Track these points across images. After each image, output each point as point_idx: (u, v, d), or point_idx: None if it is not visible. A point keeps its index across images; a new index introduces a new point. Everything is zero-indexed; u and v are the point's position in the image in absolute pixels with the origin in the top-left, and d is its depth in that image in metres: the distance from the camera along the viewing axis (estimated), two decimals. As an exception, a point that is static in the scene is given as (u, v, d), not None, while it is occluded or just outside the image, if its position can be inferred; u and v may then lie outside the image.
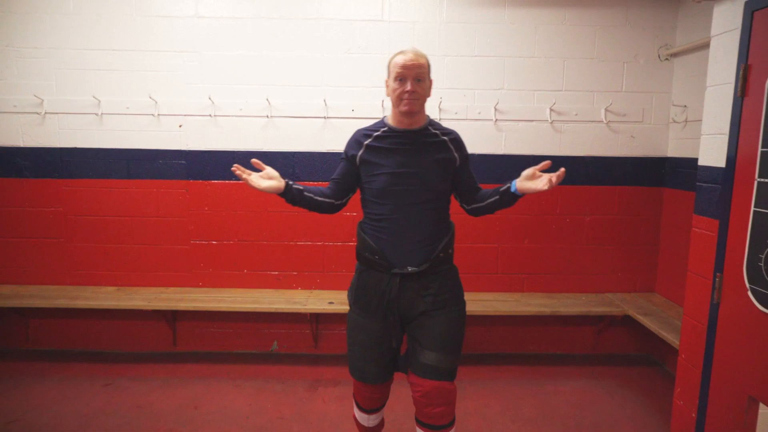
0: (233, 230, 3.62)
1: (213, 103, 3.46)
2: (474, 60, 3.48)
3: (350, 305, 2.16)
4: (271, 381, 3.36)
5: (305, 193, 2.05)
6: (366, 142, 2.02)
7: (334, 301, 3.47)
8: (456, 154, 2.05)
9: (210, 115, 3.48)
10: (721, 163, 2.08)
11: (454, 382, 2.01)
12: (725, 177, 2.05)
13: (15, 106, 3.46)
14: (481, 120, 3.51)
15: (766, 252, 1.84)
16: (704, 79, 2.25)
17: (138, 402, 3.06)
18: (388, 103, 3.42)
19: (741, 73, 1.96)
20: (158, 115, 3.47)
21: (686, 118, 3.36)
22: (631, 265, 3.69)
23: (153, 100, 3.44)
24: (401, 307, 2.01)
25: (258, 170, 2.00)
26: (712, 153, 2.15)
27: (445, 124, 2.20)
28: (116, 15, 3.39)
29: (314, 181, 3.57)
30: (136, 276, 3.65)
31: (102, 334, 3.72)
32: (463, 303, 2.11)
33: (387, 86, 2.03)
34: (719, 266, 2.08)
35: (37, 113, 3.46)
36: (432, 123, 2.08)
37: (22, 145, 3.51)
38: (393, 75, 1.95)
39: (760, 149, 1.87)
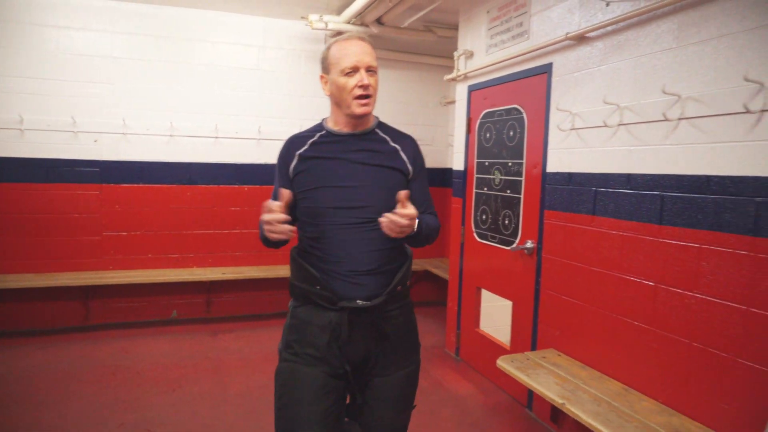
0: (140, 223, 4.62)
1: (125, 123, 4.46)
2: (326, 99, 5.01)
3: (280, 354, 1.69)
4: (180, 333, 4.45)
5: None
6: (299, 151, 1.67)
7: (226, 272, 4.69)
8: (409, 166, 1.71)
9: (122, 133, 4.47)
10: (462, 167, 3.91)
11: None
12: (464, 175, 3.88)
13: (-62, 120, 4.06)
14: (329, 141, 5.06)
15: (479, 211, 3.67)
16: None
17: (78, 354, 3.94)
18: (266, 127, 4.86)
19: (467, 121, 3.81)
20: (76, 132, 4.36)
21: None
22: (429, 239, 5.54)
23: (73, 119, 4.33)
24: (350, 350, 1.62)
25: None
26: (459, 163, 3.98)
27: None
28: (42, 51, 4.22)
29: (206, 183, 4.75)
30: (55, 264, 4.42)
31: (20, 315, 4.37)
32: (419, 351, 1.77)
33: (325, 84, 1.68)
34: (463, 222, 3.90)
35: (-38, 127, 4.11)
36: (381, 126, 1.75)
37: (-57, 154, 4.10)
38: (339, 68, 1.59)
39: (476, 160, 3.72)
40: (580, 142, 2.73)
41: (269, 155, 4.81)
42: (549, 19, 2.95)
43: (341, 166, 1.65)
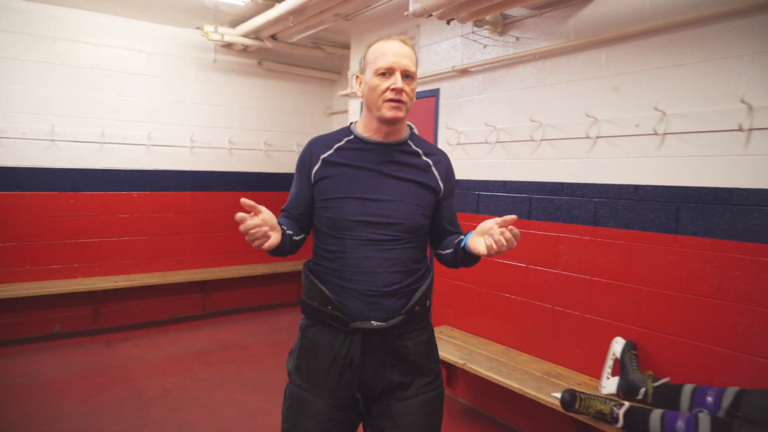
0: (17, 233, 4.32)
1: (-4, 127, 4.16)
2: (215, 107, 5.15)
3: (289, 375, 1.63)
4: (69, 347, 4.27)
5: (286, 234, 1.51)
6: (324, 155, 1.57)
7: (118, 280, 4.59)
8: (441, 183, 1.61)
9: (-7, 137, 4.16)
10: (357, 174, 4.39)
11: None
12: (359, 181, 4.37)
13: None
14: (219, 148, 5.19)
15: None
16: (348, 133, 4.56)
17: (-46, 377, 3.62)
18: (156, 133, 4.83)
19: (362, 133, 4.30)
20: (-63, 134, 3.97)
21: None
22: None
23: (-68, 121, 3.93)
24: (363, 377, 1.53)
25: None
26: (354, 170, 4.45)
27: (198, 152, 3.67)
28: None
29: (92, 190, 4.59)
30: None
31: None
32: (441, 375, 1.64)
33: (359, 84, 1.59)
34: (360, 223, 4.38)
35: None
36: (414, 138, 1.64)
37: None
38: (374, 68, 1.50)
39: (371, 168, 4.22)
40: (466, 154, 3.37)
41: (159, 161, 4.79)
42: (436, 53, 3.56)
43: (369, 176, 1.55)
